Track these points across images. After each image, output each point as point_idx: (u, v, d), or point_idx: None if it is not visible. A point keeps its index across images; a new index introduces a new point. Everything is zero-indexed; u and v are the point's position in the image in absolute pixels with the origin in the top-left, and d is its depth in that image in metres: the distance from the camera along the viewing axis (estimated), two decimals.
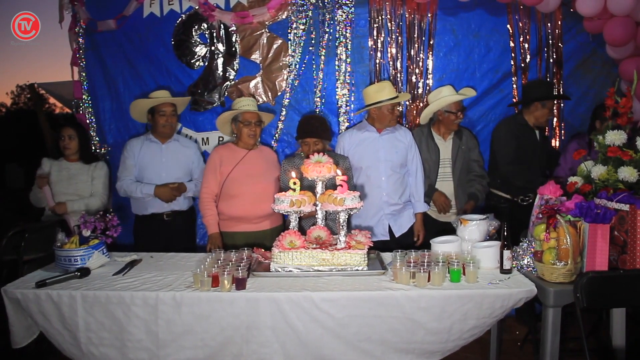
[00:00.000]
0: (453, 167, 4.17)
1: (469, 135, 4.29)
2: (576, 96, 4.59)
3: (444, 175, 4.17)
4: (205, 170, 3.93)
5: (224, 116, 3.99)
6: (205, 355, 2.65)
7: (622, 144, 2.88)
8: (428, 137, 4.19)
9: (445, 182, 4.17)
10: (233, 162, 3.85)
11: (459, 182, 4.18)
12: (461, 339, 2.70)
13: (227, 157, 3.88)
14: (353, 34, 4.38)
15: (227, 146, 4.01)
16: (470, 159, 4.23)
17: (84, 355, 2.70)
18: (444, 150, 4.17)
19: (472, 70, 4.43)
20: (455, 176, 4.17)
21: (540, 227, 2.72)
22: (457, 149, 4.17)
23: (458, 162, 4.17)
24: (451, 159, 4.18)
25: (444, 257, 2.88)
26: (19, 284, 2.81)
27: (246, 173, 3.84)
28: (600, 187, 2.89)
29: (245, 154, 3.89)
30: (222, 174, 3.84)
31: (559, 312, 2.64)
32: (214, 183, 3.86)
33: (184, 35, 4.50)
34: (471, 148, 4.23)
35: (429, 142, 4.17)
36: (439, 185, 4.16)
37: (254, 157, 3.92)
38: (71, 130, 4.26)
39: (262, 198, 3.74)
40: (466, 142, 4.21)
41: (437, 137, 4.19)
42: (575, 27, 4.40)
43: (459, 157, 4.17)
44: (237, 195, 3.81)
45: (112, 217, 3.18)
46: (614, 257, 2.74)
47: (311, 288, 2.66)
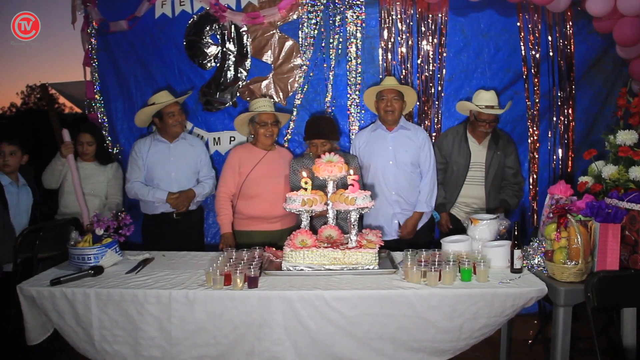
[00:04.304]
0: (487, 172, 4.08)
1: (506, 140, 4.18)
2: (589, 96, 4.57)
3: (475, 179, 4.09)
4: (224, 169, 3.95)
5: (241, 117, 4.02)
6: (217, 352, 2.68)
7: (634, 143, 2.88)
8: (462, 139, 4.12)
9: (474, 186, 4.10)
10: (252, 163, 3.88)
11: (492, 188, 4.10)
12: (472, 337, 2.71)
13: (246, 157, 3.91)
14: (363, 34, 4.37)
15: (246, 146, 4.04)
16: (505, 165, 4.13)
17: (97, 353, 2.74)
18: (476, 154, 4.08)
19: (482, 70, 4.41)
20: (488, 181, 4.08)
21: (551, 227, 2.72)
22: (492, 154, 4.08)
23: (492, 167, 4.07)
24: (485, 163, 4.09)
25: (454, 256, 2.89)
26: (34, 282, 2.85)
27: (265, 174, 3.87)
28: (611, 187, 2.90)
29: (264, 154, 3.92)
30: (241, 175, 3.87)
31: (569, 312, 2.65)
32: (232, 183, 3.89)
33: (196, 36, 4.52)
34: (507, 154, 4.12)
35: (462, 144, 4.10)
36: (466, 188, 4.10)
37: (273, 158, 3.95)
38: (89, 137, 4.30)
39: (280, 198, 3.75)
40: (502, 147, 4.10)
41: (471, 140, 4.12)
42: (586, 27, 4.38)
43: (494, 162, 4.07)
44: (256, 196, 3.84)
45: (124, 216, 3.21)
46: (625, 256, 2.74)
47: (322, 287, 2.68)
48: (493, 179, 4.09)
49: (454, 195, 4.13)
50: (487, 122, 3.99)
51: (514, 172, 4.16)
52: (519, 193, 4.20)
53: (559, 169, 4.58)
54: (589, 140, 4.56)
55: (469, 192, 4.11)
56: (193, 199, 4.11)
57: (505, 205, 4.08)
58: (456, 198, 4.13)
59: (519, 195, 4.22)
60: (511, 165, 4.15)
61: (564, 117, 4.53)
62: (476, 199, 4.12)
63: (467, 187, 4.11)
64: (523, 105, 4.49)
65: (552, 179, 4.54)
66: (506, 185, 4.16)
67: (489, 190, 4.10)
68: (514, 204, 4.16)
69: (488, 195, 4.10)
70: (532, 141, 4.51)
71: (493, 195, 4.11)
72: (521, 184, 4.23)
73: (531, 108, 4.47)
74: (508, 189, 4.15)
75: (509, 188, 4.15)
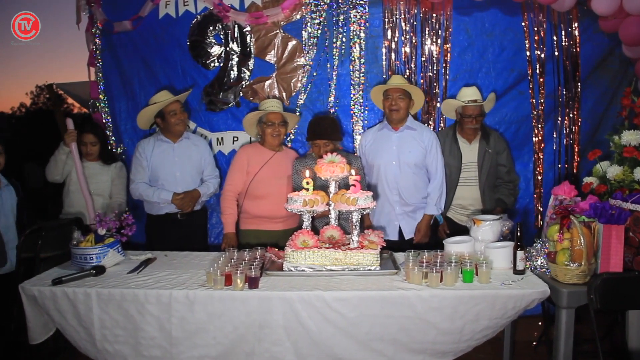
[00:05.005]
0: (480, 172, 4.06)
1: (497, 138, 4.16)
2: (595, 96, 4.53)
3: (468, 179, 4.07)
4: (231, 168, 3.96)
5: (249, 117, 4.02)
6: (217, 352, 2.68)
7: (639, 144, 2.86)
8: (452, 140, 4.10)
9: (468, 186, 4.08)
10: (260, 163, 3.88)
11: (486, 187, 4.07)
12: (473, 339, 2.70)
13: (254, 157, 3.91)
14: (367, 34, 4.36)
15: (254, 146, 4.05)
16: (497, 163, 4.11)
17: (98, 352, 2.75)
18: (467, 154, 4.07)
19: (487, 69, 4.39)
20: (482, 181, 4.06)
21: (554, 228, 2.71)
22: (483, 152, 4.06)
23: (485, 166, 4.05)
24: (477, 162, 4.06)
25: (456, 257, 2.88)
26: (36, 282, 2.86)
27: (273, 174, 3.87)
28: (616, 188, 2.87)
29: (272, 155, 3.92)
30: (249, 174, 3.87)
31: (572, 314, 2.63)
32: (240, 182, 3.89)
33: (199, 36, 4.53)
34: (499, 151, 4.09)
35: (452, 146, 4.08)
36: (461, 190, 4.08)
37: (280, 159, 3.95)
38: (92, 137, 4.30)
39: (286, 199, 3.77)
40: (494, 146, 4.07)
41: (461, 140, 4.11)
42: (592, 27, 4.35)
43: (486, 161, 4.05)
44: (263, 196, 3.85)
45: (127, 216, 3.22)
46: (628, 258, 2.72)
47: (323, 287, 2.68)
48: (487, 178, 4.07)
49: (448, 197, 4.08)
50: (472, 117, 3.98)
51: (507, 170, 4.13)
52: (514, 191, 4.19)
53: (564, 169, 4.55)
54: (595, 141, 4.52)
55: (463, 194, 4.09)
56: (198, 199, 4.12)
57: (502, 204, 4.05)
58: (451, 200, 4.10)
59: (514, 193, 4.21)
60: (504, 163, 4.12)
61: (569, 117, 4.50)
62: (471, 200, 4.09)
63: (462, 188, 4.09)
64: (528, 105, 4.46)
65: (557, 180, 4.50)
66: (500, 184, 4.14)
67: (483, 190, 4.07)
68: (510, 203, 4.13)
69: (483, 194, 4.08)
70: (537, 141, 4.48)
71: (488, 195, 4.09)
72: (515, 181, 4.20)
73: (536, 108, 4.44)
74: (503, 188, 4.12)
75: (503, 187, 4.13)
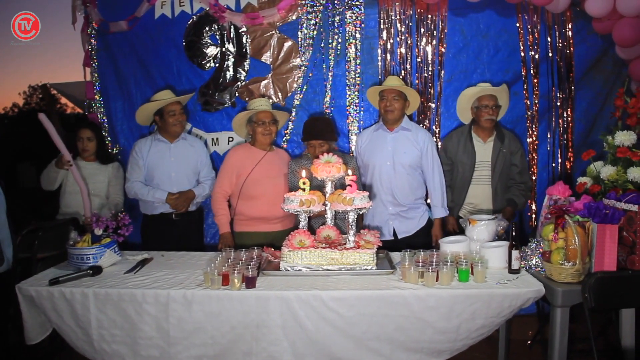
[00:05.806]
0: (493, 171, 4.06)
1: (512, 138, 4.16)
2: (589, 97, 4.56)
3: (481, 178, 4.07)
4: (221, 170, 3.96)
5: (239, 117, 4.02)
6: (215, 352, 2.69)
7: (632, 144, 2.88)
8: (467, 139, 4.11)
9: (481, 185, 4.08)
10: (252, 164, 3.87)
11: (499, 186, 4.07)
12: (469, 338, 2.72)
13: (246, 158, 3.91)
14: (363, 34, 4.37)
15: (245, 147, 4.04)
16: (511, 163, 4.10)
17: (96, 352, 2.75)
18: (482, 153, 4.07)
19: (482, 70, 4.41)
20: (494, 180, 4.06)
21: (549, 227, 2.72)
22: (497, 152, 4.06)
23: (498, 165, 4.05)
24: (490, 161, 4.06)
25: (452, 256, 2.90)
26: (33, 282, 2.86)
27: (265, 174, 3.87)
28: (609, 188, 2.90)
29: (263, 155, 3.91)
30: (241, 176, 3.86)
31: (567, 312, 2.65)
32: (228, 184, 3.89)
33: (195, 37, 4.53)
34: (513, 152, 4.09)
35: (467, 144, 4.09)
36: (473, 188, 4.09)
37: (272, 159, 3.95)
38: (89, 132, 4.30)
39: (281, 199, 3.75)
40: (508, 145, 4.07)
41: (476, 139, 4.11)
42: (586, 28, 4.37)
43: (499, 160, 4.05)
44: (257, 197, 3.85)
45: (123, 216, 3.23)
46: (622, 257, 2.74)
47: (320, 287, 2.69)
48: (499, 178, 4.06)
49: (461, 196, 4.11)
50: (489, 107, 3.99)
51: (519, 171, 4.12)
52: (526, 192, 4.16)
53: (558, 169, 4.58)
54: (589, 141, 4.54)
55: (476, 192, 4.09)
56: (193, 200, 4.12)
57: (512, 204, 4.04)
58: (464, 199, 4.11)
59: (527, 195, 4.19)
60: (517, 163, 4.11)
61: (564, 118, 4.53)
62: (483, 199, 4.09)
63: (474, 186, 4.09)
64: (522, 106, 4.49)
65: (551, 180, 4.53)
66: (512, 185, 4.12)
67: (495, 189, 4.06)
68: (521, 204, 4.11)
69: (495, 194, 4.07)
70: (532, 142, 4.51)
71: (500, 194, 4.08)
72: (527, 183, 4.19)
73: (530, 109, 4.47)
74: (514, 189, 4.11)
75: (515, 187, 4.11)
